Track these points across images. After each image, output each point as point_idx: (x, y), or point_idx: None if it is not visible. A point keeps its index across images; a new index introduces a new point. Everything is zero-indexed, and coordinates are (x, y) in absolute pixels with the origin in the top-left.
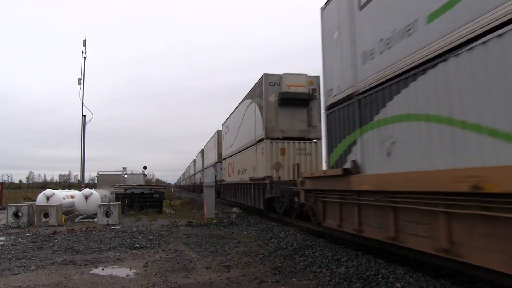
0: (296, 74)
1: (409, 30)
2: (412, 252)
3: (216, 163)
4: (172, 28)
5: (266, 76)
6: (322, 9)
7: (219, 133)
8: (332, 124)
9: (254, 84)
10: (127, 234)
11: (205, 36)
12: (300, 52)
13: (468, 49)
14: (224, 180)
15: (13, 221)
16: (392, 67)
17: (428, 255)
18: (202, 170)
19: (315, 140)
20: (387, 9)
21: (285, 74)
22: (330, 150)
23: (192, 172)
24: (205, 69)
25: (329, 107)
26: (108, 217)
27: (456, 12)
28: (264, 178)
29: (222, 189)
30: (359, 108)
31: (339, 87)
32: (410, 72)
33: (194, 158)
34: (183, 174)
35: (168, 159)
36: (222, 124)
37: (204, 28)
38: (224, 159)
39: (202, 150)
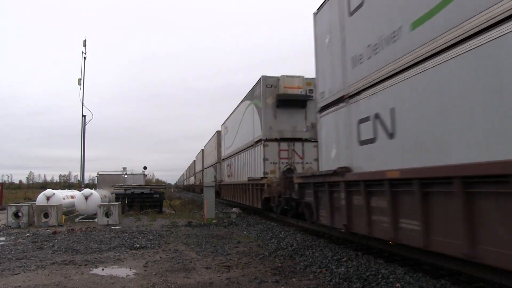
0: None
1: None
2: (412, 252)
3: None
4: (173, 29)
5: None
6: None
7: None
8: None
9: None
10: (127, 234)
11: (205, 37)
12: (298, 54)
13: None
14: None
15: (13, 221)
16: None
17: (428, 255)
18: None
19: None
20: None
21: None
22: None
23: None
24: (205, 69)
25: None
26: (108, 217)
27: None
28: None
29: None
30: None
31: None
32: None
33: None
34: (183, 174)
35: (168, 159)
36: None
37: (204, 29)
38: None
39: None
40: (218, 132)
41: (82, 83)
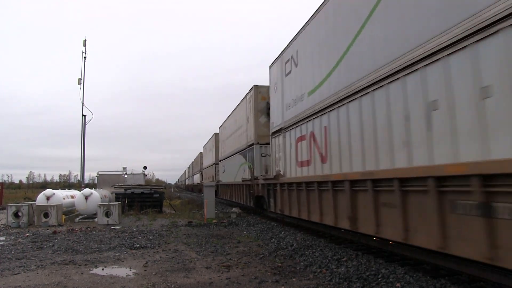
0: None
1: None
2: (412, 252)
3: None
4: (173, 29)
5: None
6: (270, 67)
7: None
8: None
9: None
10: (127, 234)
11: (206, 37)
12: None
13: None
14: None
15: (13, 221)
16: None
17: (428, 255)
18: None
19: None
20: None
21: None
22: None
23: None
24: (205, 70)
25: (272, 134)
26: (108, 217)
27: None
28: None
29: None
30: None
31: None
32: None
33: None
34: (185, 173)
35: (168, 159)
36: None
37: (204, 29)
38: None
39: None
40: (256, 89)
41: (82, 83)
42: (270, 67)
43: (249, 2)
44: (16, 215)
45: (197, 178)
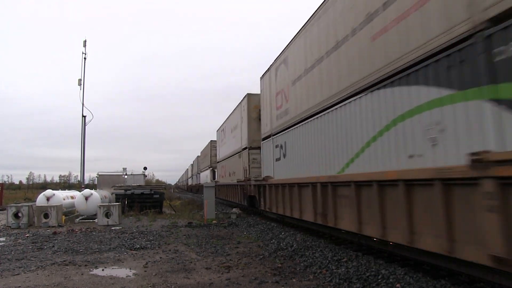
0: None
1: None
2: (412, 252)
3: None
4: (173, 29)
5: None
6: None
7: None
8: None
9: None
10: (127, 235)
11: (206, 37)
12: None
13: None
14: None
15: (13, 221)
16: None
17: (429, 255)
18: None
19: None
20: None
21: None
22: None
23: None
24: (205, 70)
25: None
26: (108, 218)
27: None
28: None
29: None
30: None
31: None
32: None
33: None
34: (186, 172)
35: (168, 159)
36: None
37: (204, 29)
38: None
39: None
40: None
41: (82, 83)
42: None
43: (249, 2)
44: (16, 215)
45: (205, 177)
